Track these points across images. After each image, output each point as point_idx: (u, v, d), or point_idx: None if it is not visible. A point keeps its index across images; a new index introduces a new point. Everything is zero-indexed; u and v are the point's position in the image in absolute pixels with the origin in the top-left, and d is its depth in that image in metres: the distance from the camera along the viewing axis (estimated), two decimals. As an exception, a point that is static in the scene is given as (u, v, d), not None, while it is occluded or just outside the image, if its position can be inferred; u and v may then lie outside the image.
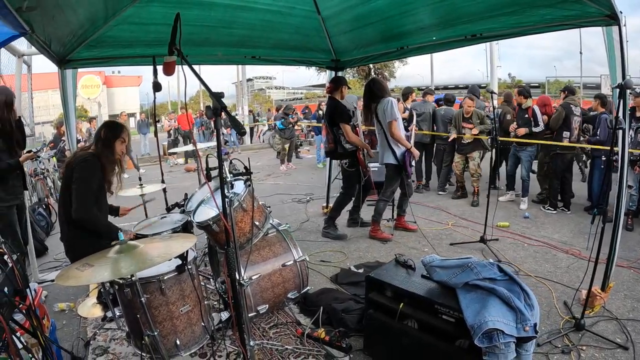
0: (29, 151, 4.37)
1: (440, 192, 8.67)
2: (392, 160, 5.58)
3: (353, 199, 6.18)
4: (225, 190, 2.25)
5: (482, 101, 8.70)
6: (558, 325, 3.55)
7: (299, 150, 15.83)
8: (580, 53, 32.28)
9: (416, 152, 5.76)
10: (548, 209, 7.08)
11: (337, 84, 5.86)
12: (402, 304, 2.93)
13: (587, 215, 6.78)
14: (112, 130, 3.45)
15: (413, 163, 5.83)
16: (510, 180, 7.96)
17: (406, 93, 9.12)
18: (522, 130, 7.22)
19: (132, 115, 15.31)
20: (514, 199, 7.77)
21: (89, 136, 12.10)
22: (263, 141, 21.33)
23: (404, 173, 5.67)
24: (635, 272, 4.55)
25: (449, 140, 8.15)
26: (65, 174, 3.32)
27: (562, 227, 6.26)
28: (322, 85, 40.95)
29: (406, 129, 6.10)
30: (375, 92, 5.71)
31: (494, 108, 6.07)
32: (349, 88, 6.05)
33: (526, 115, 7.28)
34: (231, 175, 3.27)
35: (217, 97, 1.90)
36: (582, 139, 7.46)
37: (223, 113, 1.92)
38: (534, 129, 7.17)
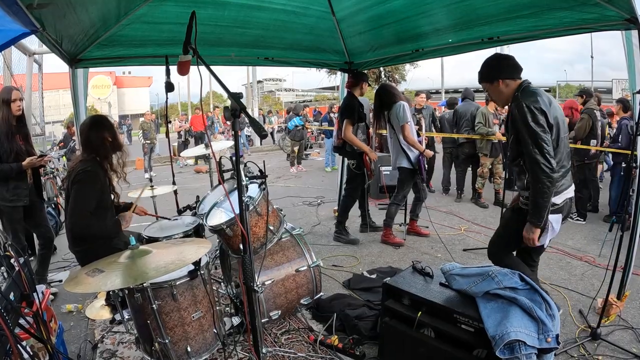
0: (42, 155, 4.33)
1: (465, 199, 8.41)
2: (406, 164, 5.50)
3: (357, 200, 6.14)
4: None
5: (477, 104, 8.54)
6: (574, 334, 3.49)
7: (308, 153, 15.79)
8: (592, 57, 32.17)
9: (430, 153, 5.68)
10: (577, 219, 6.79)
11: (356, 79, 5.78)
12: (419, 312, 2.86)
13: (600, 221, 6.69)
14: (95, 127, 3.34)
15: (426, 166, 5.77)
16: None
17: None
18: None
19: (142, 115, 15.47)
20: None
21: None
22: (274, 142, 21.32)
23: (419, 177, 5.62)
24: (651, 281, 4.47)
25: (497, 140, 7.56)
26: (66, 189, 3.27)
27: (575, 233, 6.16)
28: (332, 88, 40.98)
29: (417, 134, 6.01)
30: (384, 100, 5.65)
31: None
32: (369, 85, 5.91)
33: None
34: (246, 178, 3.21)
35: (236, 97, 1.83)
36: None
37: (242, 114, 1.86)
38: None
